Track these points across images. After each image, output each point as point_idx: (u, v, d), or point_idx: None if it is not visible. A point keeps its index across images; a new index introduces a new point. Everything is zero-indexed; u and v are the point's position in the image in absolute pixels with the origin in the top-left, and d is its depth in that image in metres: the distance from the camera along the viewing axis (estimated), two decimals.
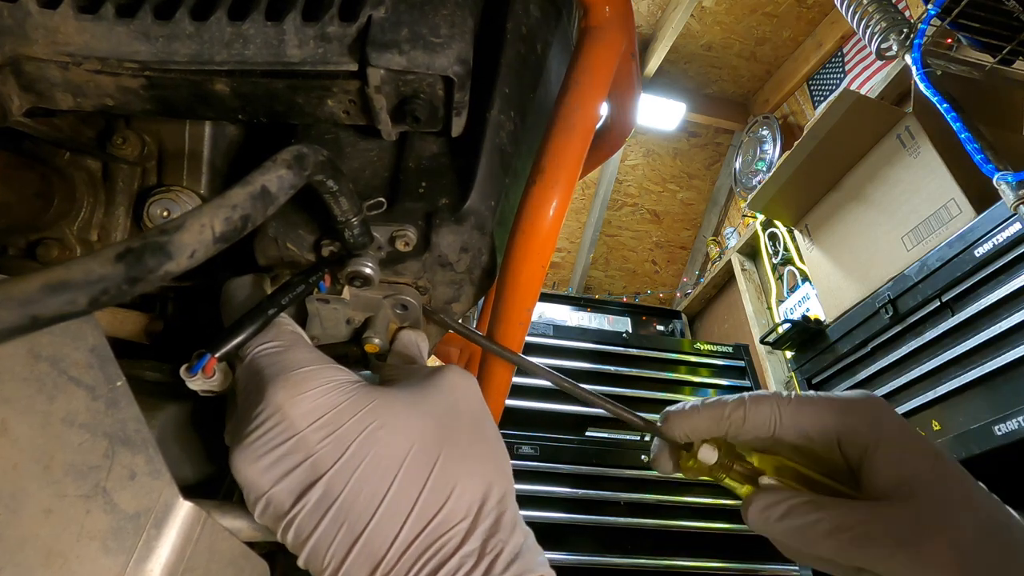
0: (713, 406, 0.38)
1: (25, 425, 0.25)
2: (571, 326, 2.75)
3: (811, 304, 2.39)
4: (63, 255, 0.41)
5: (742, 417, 0.37)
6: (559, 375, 0.39)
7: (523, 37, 0.39)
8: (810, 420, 0.37)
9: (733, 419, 0.37)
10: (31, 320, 0.16)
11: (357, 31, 0.33)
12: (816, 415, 0.37)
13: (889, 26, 1.41)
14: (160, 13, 0.33)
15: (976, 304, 1.31)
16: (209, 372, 0.29)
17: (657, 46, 2.93)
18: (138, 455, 0.27)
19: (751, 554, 1.91)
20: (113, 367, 0.27)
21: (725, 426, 0.37)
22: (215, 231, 0.21)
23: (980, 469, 1.07)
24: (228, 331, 0.30)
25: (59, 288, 0.17)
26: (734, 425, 0.37)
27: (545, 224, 0.36)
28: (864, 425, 0.36)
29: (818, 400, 0.37)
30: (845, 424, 0.36)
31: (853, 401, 0.37)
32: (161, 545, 0.26)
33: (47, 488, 0.24)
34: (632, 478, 1.95)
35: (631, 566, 1.80)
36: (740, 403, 0.37)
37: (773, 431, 0.37)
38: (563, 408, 2.04)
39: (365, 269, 0.33)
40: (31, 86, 0.33)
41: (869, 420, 0.36)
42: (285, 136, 0.39)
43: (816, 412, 0.37)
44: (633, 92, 0.55)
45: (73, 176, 0.41)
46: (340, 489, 0.27)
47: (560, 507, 1.85)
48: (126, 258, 0.18)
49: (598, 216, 3.51)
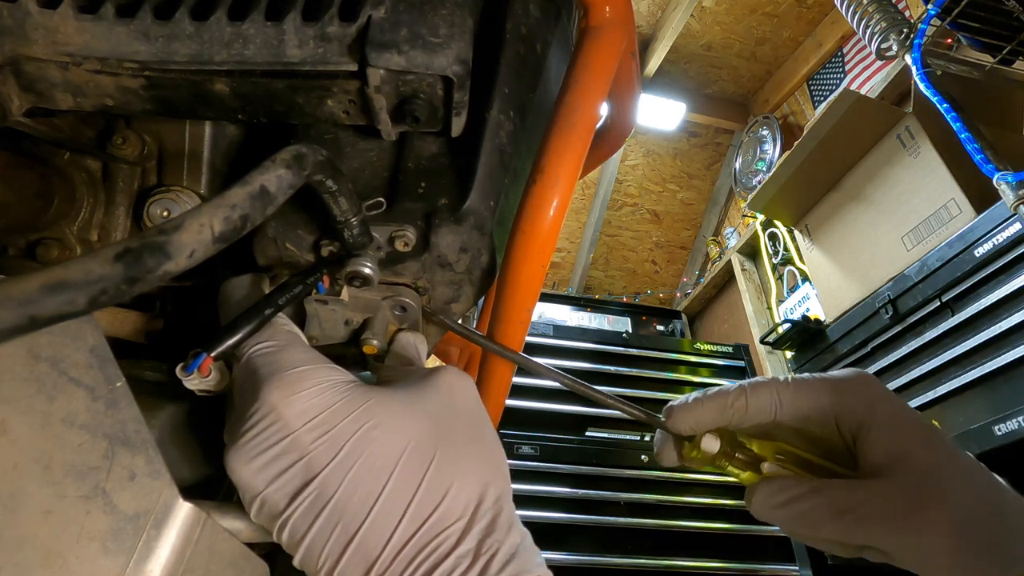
0: (715, 397, 0.38)
1: (25, 425, 0.25)
2: (571, 326, 2.75)
3: (811, 304, 2.39)
4: (63, 255, 0.41)
5: (744, 405, 0.38)
6: (558, 371, 0.39)
7: (523, 37, 0.39)
8: (807, 403, 0.38)
9: (736, 408, 0.38)
10: (30, 320, 0.16)
11: (357, 31, 0.33)
12: (813, 397, 0.38)
13: (889, 26, 1.41)
14: (160, 13, 0.33)
15: (976, 304, 1.31)
16: (205, 371, 0.29)
17: (657, 46, 2.93)
18: (138, 456, 0.27)
19: (751, 554, 1.91)
20: (113, 367, 0.27)
21: (729, 416, 0.38)
22: (214, 231, 0.21)
23: None
24: (224, 330, 0.30)
25: (58, 288, 0.17)
26: (737, 414, 0.38)
27: (545, 224, 0.36)
28: (858, 404, 0.37)
29: (813, 382, 0.38)
30: (840, 404, 0.37)
31: (846, 380, 0.38)
32: (161, 546, 0.26)
33: (47, 489, 0.24)
34: (632, 478, 1.95)
35: (631, 566, 1.80)
36: (741, 392, 0.38)
37: (774, 416, 0.38)
38: (563, 408, 2.04)
39: (364, 269, 0.33)
40: (31, 86, 0.33)
41: (862, 398, 0.37)
42: (285, 136, 0.39)
43: (813, 394, 0.38)
44: (633, 92, 0.55)
45: (73, 176, 0.41)
46: (334, 489, 0.27)
47: (560, 507, 1.85)
48: (125, 258, 0.18)
49: (598, 216, 3.51)
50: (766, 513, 0.36)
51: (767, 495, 0.36)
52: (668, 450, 0.40)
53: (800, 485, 0.35)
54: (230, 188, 0.23)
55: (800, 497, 0.35)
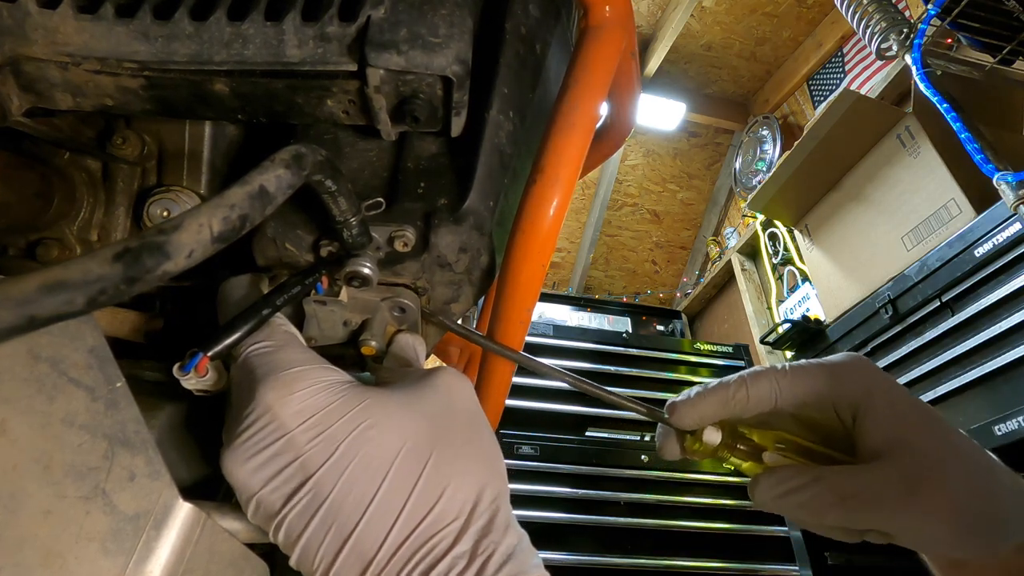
0: (717, 391, 0.39)
1: (25, 426, 0.25)
2: (571, 326, 2.75)
3: (811, 304, 2.39)
4: (63, 255, 0.41)
5: (745, 396, 0.38)
6: (561, 370, 0.39)
7: (522, 37, 0.39)
8: (805, 389, 0.38)
9: (737, 399, 0.38)
10: (28, 320, 0.16)
11: (356, 31, 0.33)
12: (810, 384, 0.38)
13: (889, 26, 1.41)
14: (159, 13, 0.33)
15: (976, 304, 1.31)
16: (202, 371, 0.29)
17: (657, 46, 2.93)
18: (138, 456, 0.27)
19: (751, 554, 1.91)
20: (112, 368, 0.27)
21: (731, 408, 0.38)
22: (213, 231, 0.21)
23: None
24: (221, 330, 0.30)
25: (56, 288, 0.17)
26: (739, 405, 0.38)
27: (545, 224, 0.36)
28: (854, 389, 0.37)
29: (810, 368, 0.39)
30: (836, 390, 0.38)
31: (841, 365, 0.39)
32: (160, 546, 0.26)
33: (46, 489, 0.24)
34: (632, 478, 1.95)
35: (631, 566, 1.80)
36: (742, 383, 0.38)
37: (774, 404, 0.38)
38: (563, 408, 2.04)
39: (363, 269, 0.33)
40: (31, 86, 0.33)
41: (858, 383, 0.37)
42: (285, 136, 0.39)
43: (811, 381, 0.38)
44: (633, 92, 0.55)
45: (73, 176, 0.41)
46: (329, 489, 0.26)
47: (560, 507, 1.85)
48: (124, 258, 0.18)
49: (598, 216, 3.51)
50: (770, 504, 0.37)
51: (769, 486, 0.36)
52: (671, 444, 0.41)
53: (801, 475, 0.36)
54: (229, 188, 0.23)
55: (801, 487, 0.35)
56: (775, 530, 1.93)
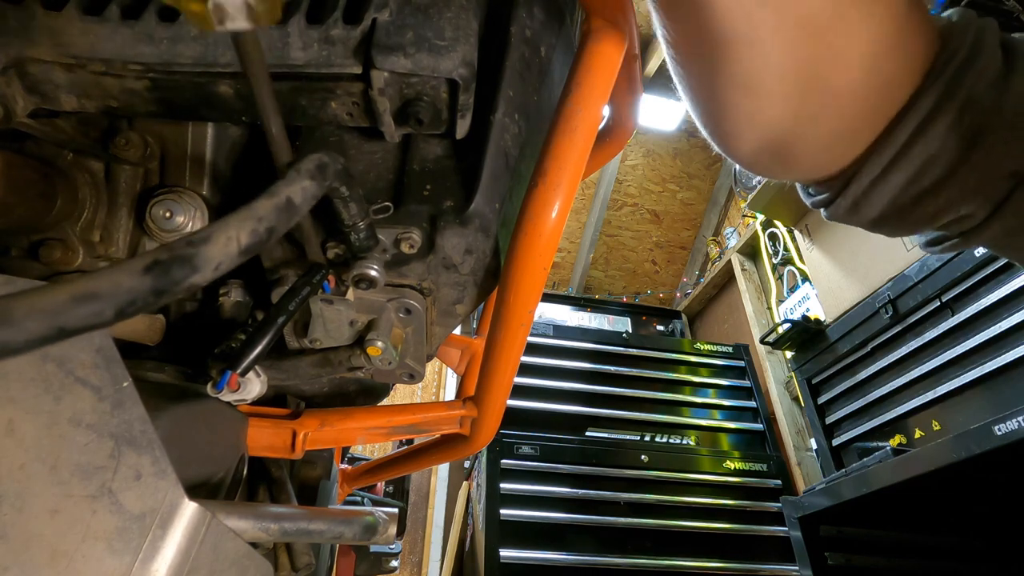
0: None
1: (32, 425, 0.25)
2: (571, 326, 2.75)
3: (811, 304, 2.39)
4: (66, 256, 0.41)
5: None
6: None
7: (527, 40, 0.39)
8: None
9: None
10: (58, 331, 0.16)
11: (361, 34, 0.33)
12: None
13: None
14: (164, 15, 0.33)
15: (976, 304, 1.31)
16: (233, 386, 0.31)
17: (657, 46, 2.92)
18: (144, 456, 0.27)
19: (751, 554, 1.91)
20: (119, 368, 0.27)
21: None
22: (240, 243, 0.21)
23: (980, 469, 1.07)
24: (244, 345, 0.31)
25: (87, 299, 0.16)
26: None
27: (547, 226, 0.36)
28: None
29: None
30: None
31: None
32: (166, 545, 0.26)
33: (53, 488, 0.24)
34: (632, 478, 1.95)
35: (631, 566, 1.80)
36: None
37: None
38: (563, 408, 2.04)
39: (371, 271, 0.33)
40: (36, 87, 0.33)
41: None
42: (289, 138, 0.39)
43: None
44: (635, 93, 0.55)
45: (76, 177, 0.41)
46: None
47: (560, 507, 1.86)
48: (153, 270, 0.18)
49: (598, 216, 3.51)
50: None
51: None
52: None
53: None
54: (257, 200, 0.22)
55: None
56: (775, 530, 1.94)
